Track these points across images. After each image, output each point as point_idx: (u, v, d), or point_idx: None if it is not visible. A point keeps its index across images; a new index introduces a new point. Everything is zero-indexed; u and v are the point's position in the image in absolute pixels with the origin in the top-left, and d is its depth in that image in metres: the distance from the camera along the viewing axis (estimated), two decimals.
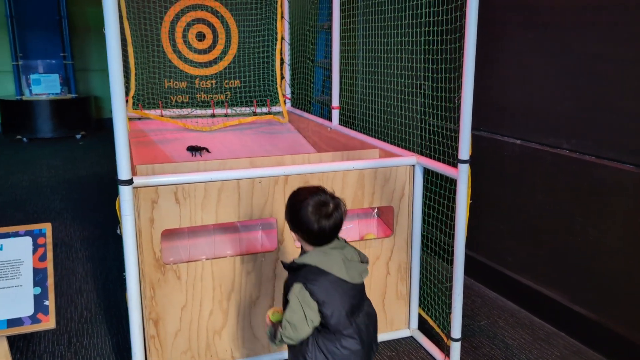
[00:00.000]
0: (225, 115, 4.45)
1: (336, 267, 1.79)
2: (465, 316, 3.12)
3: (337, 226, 1.82)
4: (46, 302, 1.92)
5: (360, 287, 1.89)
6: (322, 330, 1.80)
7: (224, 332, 2.62)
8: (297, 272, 1.81)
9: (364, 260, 1.91)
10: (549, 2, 3.00)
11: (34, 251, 1.97)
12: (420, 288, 2.97)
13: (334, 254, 1.82)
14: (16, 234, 1.97)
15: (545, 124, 3.08)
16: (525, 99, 3.20)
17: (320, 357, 1.80)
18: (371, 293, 2.66)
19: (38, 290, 1.94)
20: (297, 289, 1.76)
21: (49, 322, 1.91)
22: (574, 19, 2.87)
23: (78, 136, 8.73)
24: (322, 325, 1.79)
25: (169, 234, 2.67)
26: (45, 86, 8.78)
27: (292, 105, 4.62)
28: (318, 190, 1.84)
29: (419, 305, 2.99)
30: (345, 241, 1.93)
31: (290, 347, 1.90)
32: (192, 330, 2.56)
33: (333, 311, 1.75)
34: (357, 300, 1.85)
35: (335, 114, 3.73)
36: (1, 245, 1.93)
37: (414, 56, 3.22)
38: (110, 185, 5.92)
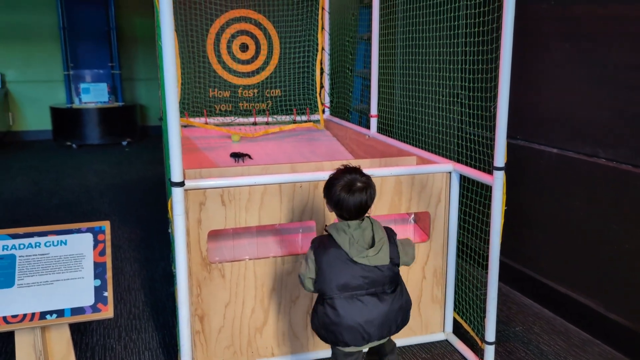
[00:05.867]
0: (266, 123, 4.61)
1: (343, 243, 2.02)
2: (500, 322, 3.16)
3: (362, 204, 2.01)
4: (105, 294, 2.09)
5: (372, 270, 2.01)
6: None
7: (264, 330, 2.74)
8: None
9: (375, 245, 2.02)
10: (587, 13, 3.03)
11: (95, 246, 2.14)
12: (456, 292, 3.02)
13: (344, 234, 2.02)
14: (79, 231, 2.15)
15: (582, 133, 3.11)
16: (562, 108, 3.23)
17: (317, 308, 2.11)
18: None
19: (98, 282, 2.11)
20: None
21: (107, 312, 2.07)
22: (611, 29, 2.89)
23: (124, 143, 9.05)
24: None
25: (215, 235, 2.81)
26: (93, 95, 9.16)
27: (331, 114, 4.74)
28: (354, 170, 2.07)
29: (454, 310, 3.04)
30: (375, 226, 2.07)
31: None
32: (234, 327, 2.69)
33: (324, 277, 2.01)
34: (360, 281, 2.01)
35: (374, 122, 3.82)
36: (66, 240, 2.12)
37: (451, 66, 3.30)
38: (154, 190, 6.18)
